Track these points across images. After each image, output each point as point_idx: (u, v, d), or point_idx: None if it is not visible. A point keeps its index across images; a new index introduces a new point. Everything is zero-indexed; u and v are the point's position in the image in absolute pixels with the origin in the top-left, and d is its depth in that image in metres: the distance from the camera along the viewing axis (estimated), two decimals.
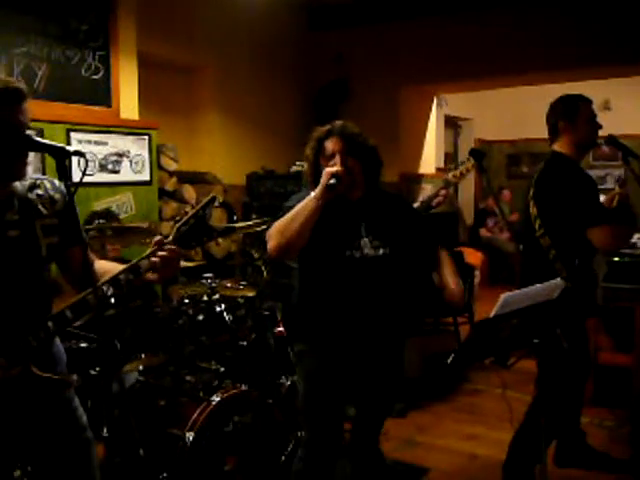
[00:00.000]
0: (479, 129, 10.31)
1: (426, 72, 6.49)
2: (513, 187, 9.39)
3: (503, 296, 1.98)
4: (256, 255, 3.92)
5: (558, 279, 2.21)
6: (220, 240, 4.25)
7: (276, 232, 2.40)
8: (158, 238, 1.92)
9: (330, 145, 2.49)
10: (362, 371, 2.62)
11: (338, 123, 2.54)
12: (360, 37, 6.65)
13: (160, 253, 1.89)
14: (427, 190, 7.05)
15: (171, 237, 1.93)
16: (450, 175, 3.02)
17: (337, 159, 2.46)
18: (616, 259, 4.47)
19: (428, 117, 7.52)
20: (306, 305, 2.61)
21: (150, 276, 1.91)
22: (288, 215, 2.39)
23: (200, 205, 1.98)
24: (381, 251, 2.50)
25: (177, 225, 1.95)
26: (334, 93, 6.57)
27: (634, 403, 4.23)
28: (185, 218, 1.95)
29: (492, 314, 1.98)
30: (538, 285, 2.17)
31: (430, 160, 7.66)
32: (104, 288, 1.84)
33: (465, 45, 6.16)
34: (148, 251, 1.91)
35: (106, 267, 2.02)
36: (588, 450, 3.64)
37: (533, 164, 9.28)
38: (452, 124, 9.85)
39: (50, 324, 1.81)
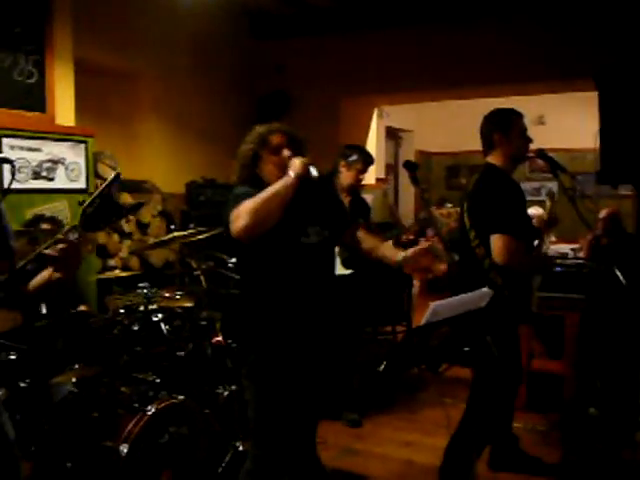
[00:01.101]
0: (420, 141, 10.48)
1: (367, 84, 6.57)
2: (453, 198, 9.57)
3: (432, 305, 2.01)
4: (194, 265, 3.88)
5: (485, 288, 2.27)
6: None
7: (248, 212, 2.31)
8: (65, 229, 1.88)
9: (276, 139, 2.55)
10: (312, 376, 2.64)
11: (276, 123, 2.62)
12: (301, 47, 6.69)
13: (59, 246, 1.84)
14: (367, 200, 7.12)
15: (77, 221, 1.88)
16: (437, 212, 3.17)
17: (287, 152, 2.51)
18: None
19: (369, 128, 7.61)
20: (262, 301, 2.57)
21: (55, 274, 1.86)
22: (262, 195, 2.34)
23: (105, 184, 1.91)
24: (323, 236, 2.57)
25: (82, 207, 1.89)
26: (275, 103, 6.58)
27: (565, 408, 4.36)
28: (90, 199, 1.88)
29: (422, 322, 2.01)
30: (467, 294, 2.22)
31: (370, 171, 7.73)
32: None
33: (406, 58, 6.26)
34: (50, 242, 1.86)
35: None
36: (520, 454, 3.74)
37: (471, 175, 9.46)
38: (393, 135, 9.99)
39: None
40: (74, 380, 3.04)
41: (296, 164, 2.39)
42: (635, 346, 3.89)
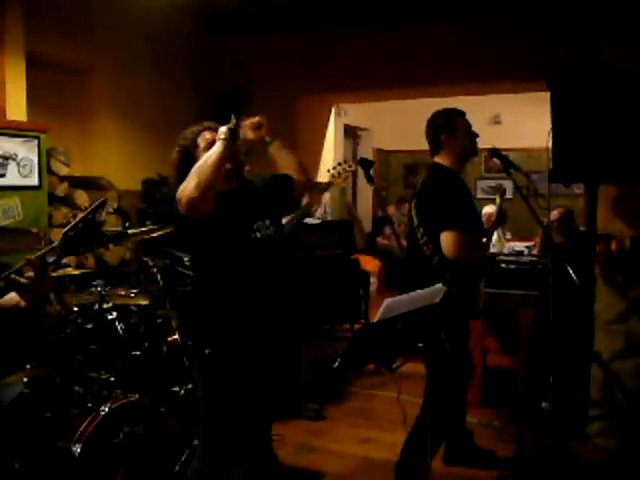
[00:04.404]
0: (378, 139, 10.52)
1: (324, 82, 6.57)
2: (411, 196, 9.62)
3: (386, 302, 2.03)
4: (150, 262, 3.83)
5: (439, 284, 2.30)
6: (111, 246, 4.11)
7: (192, 187, 2.35)
8: (32, 256, 1.82)
9: (210, 135, 2.57)
10: (264, 372, 2.64)
11: (207, 122, 2.66)
12: (260, 45, 6.66)
13: (28, 274, 1.79)
14: (326, 198, 7.15)
15: (56, 243, 1.85)
16: (327, 178, 3.19)
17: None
18: (503, 266, 4.68)
19: (326, 126, 7.62)
20: (215, 297, 2.59)
21: (19, 302, 1.81)
22: (199, 164, 2.40)
23: (89, 209, 1.90)
24: (271, 229, 2.61)
25: (64, 230, 1.86)
26: (232, 100, 6.53)
27: (519, 404, 4.43)
28: (73, 223, 1.86)
29: (376, 319, 2.02)
30: (420, 290, 2.24)
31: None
32: None
33: (363, 56, 6.28)
34: (17, 266, 1.81)
35: None
36: (475, 449, 3.79)
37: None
38: (351, 134, 10.00)
39: None
40: (25, 380, 2.98)
41: (221, 130, 2.45)
42: (585, 342, 3.98)
